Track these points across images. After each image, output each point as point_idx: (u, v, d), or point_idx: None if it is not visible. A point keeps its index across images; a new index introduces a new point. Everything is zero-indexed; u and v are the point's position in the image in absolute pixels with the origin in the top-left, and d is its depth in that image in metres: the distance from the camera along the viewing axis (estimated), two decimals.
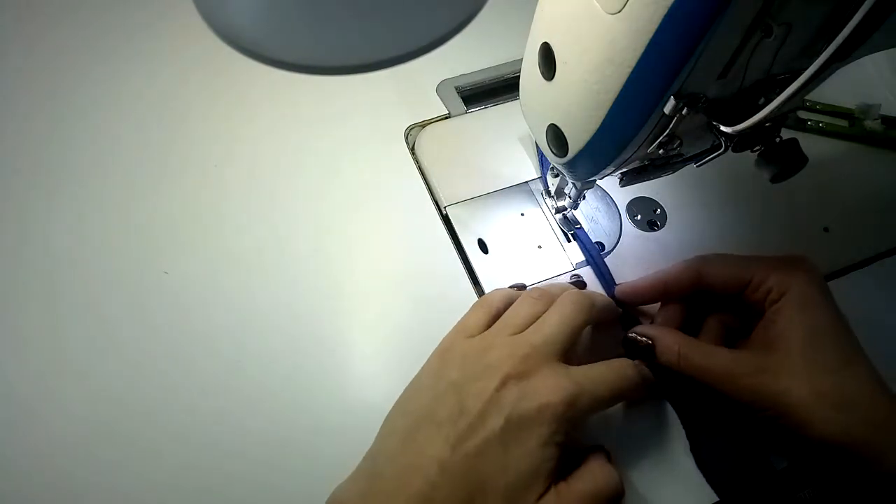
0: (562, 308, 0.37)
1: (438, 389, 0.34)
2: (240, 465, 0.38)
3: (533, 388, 0.33)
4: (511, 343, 0.35)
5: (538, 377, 0.33)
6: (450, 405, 0.33)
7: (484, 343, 0.36)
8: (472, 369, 0.34)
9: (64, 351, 0.40)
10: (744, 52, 0.28)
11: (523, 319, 0.37)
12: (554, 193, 0.47)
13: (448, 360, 0.36)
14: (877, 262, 0.48)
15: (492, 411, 0.32)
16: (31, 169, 0.47)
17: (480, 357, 0.35)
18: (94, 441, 0.38)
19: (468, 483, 0.31)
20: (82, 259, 0.43)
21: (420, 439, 0.33)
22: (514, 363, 0.34)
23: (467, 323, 0.38)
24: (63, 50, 0.52)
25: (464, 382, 0.34)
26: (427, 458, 0.32)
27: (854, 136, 0.54)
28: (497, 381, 0.33)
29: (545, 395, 0.32)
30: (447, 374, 0.35)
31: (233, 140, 0.49)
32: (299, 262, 0.45)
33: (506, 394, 0.33)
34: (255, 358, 0.41)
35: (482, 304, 0.39)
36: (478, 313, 0.39)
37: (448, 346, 0.37)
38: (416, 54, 0.44)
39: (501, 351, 0.35)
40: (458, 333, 0.38)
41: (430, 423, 0.33)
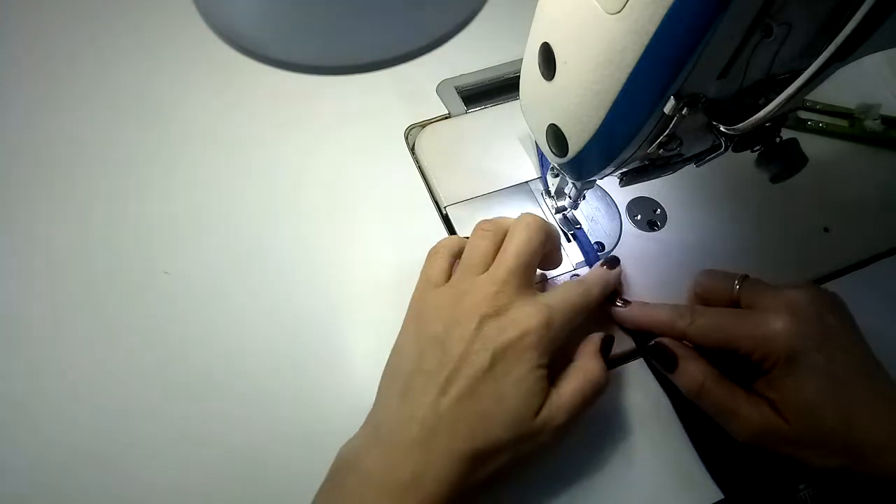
0: (517, 237, 0.38)
1: (421, 345, 0.36)
2: (240, 465, 0.38)
3: (510, 320, 0.35)
4: (479, 285, 0.36)
5: (513, 309, 0.35)
6: (435, 355, 0.35)
7: (453, 291, 0.37)
8: (449, 319, 0.36)
9: (64, 351, 0.40)
10: (744, 52, 0.28)
11: (482, 256, 0.38)
12: (554, 193, 0.47)
13: (423, 316, 0.37)
14: (877, 262, 0.48)
15: (476, 350, 0.34)
16: (31, 168, 0.47)
17: (454, 306, 0.36)
18: (93, 441, 0.38)
19: (467, 420, 0.33)
20: (82, 259, 0.43)
21: (415, 392, 0.34)
22: (488, 303, 0.35)
23: (429, 273, 0.39)
24: (62, 49, 0.52)
25: (444, 332, 0.35)
26: (421, 406, 0.33)
27: (854, 136, 0.54)
28: (475, 323, 0.35)
29: (523, 324, 0.35)
30: (426, 329, 0.36)
31: (233, 140, 0.49)
32: (299, 261, 0.45)
33: (486, 331, 0.34)
34: (256, 358, 0.41)
35: (438, 251, 0.40)
36: (437, 261, 0.40)
37: (419, 302, 0.38)
38: (416, 54, 0.44)
39: (473, 296, 0.36)
40: (424, 287, 0.39)
41: (420, 375, 0.35)
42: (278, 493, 0.37)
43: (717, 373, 0.37)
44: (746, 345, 0.36)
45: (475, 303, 0.35)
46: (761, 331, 0.36)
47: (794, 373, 0.35)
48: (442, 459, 0.32)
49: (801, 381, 0.35)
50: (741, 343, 0.36)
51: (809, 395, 0.35)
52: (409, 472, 0.32)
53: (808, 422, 0.34)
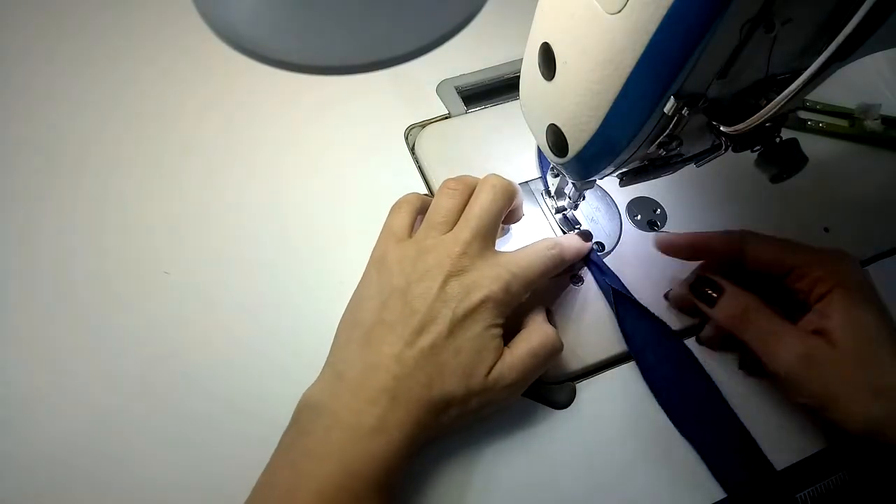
0: (482, 198, 0.39)
1: (384, 296, 0.37)
2: (239, 466, 0.38)
3: (473, 281, 0.36)
4: (443, 243, 0.37)
5: (475, 270, 0.37)
6: (398, 308, 0.36)
7: (418, 247, 0.38)
8: (413, 274, 0.37)
9: (64, 350, 0.40)
10: (744, 52, 0.28)
11: (447, 215, 0.39)
12: (554, 193, 0.47)
13: (386, 268, 0.38)
14: (877, 262, 0.48)
15: (439, 308, 0.36)
16: (31, 169, 0.47)
17: (418, 262, 0.37)
18: (93, 441, 0.38)
19: (426, 371, 0.35)
20: (82, 259, 0.43)
21: (376, 341, 0.36)
22: (452, 262, 0.36)
23: (393, 226, 0.40)
24: (62, 49, 0.52)
25: (407, 286, 0.36)
26: (386, 356, 0.35)
27: (854, 136, 0.54)
28: (439, 281, 0.36)
29: (486, 287, 0.36)
30: (389, 281, 0.37)
31: (233, 140, 0.49)
32: (299, 261, 0.45)
33: (449, 291, 0.36)
34: (256, 357, 0.41)
35: (401, 206, 0.41)
36: (401, 215, 0.40)
37: (382, 254, 0.39)
38: (416, 54, 0.44)
39: (438, 253, 0.37)
40: (387, 239, 0.40)
41: (383, 325, 0.36)
42: None
43: (759, 300, 0.38)
44: (804, 261, 0.38)
45: (439, 261, 0.37)
46: (819, 253, 0.38)
47: (851, 296, 0.36)
48: (404, 406, 0.34)
49: (859, 304, 0.36)
50: (800, 260, 0.38)
51: (868, 320, 0.36)
52: (374, 417, 0.33)
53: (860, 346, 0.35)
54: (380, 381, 0.34)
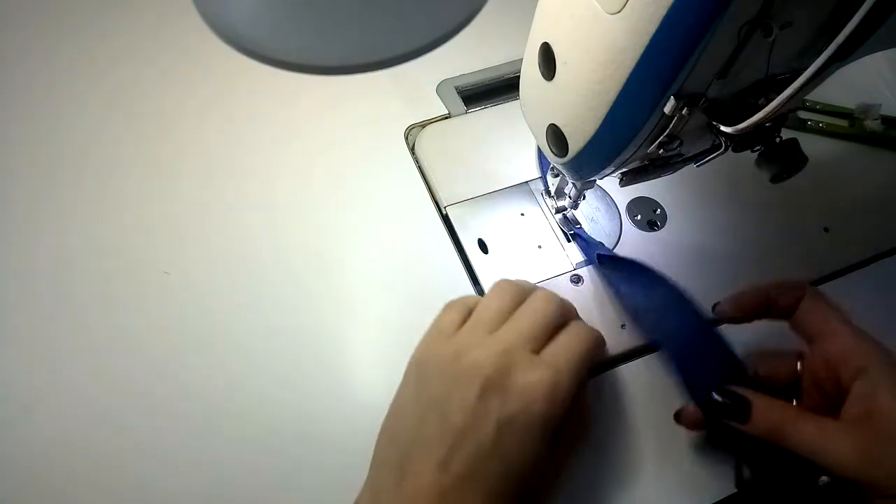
0: (534, 304, 0.36)
1: (420, 408, 0.34)
2: (239, 466, 0.38)
3: (515, 387, 0.32)
4: (486, 343, 0.34)
5: (517, 375, 0.33)
6: (435, 423, 0.32)
7: (458, 346, 0.35)
8: (450, 379, 0.33)
9: (63, 351, 0.40)
10: (744, 52, 0.28)
11: (494, 314, 0.36)
12: (554, 193, 0.47)
13: (425, 372, 0.35)
14: (877, 262, 0.48)
15: (479, 421, 0.32)
16: (31, 169, 0.47)
17: (456, 362, 0.34)
18: (93, 441, 0.38)
19: (474, 489, 0.31)
20: (82, 259, 0.43)
21: (414, 468, 0.32)
22: (492, 363, 0.33)
23: (440, 323, 0.37)
24: (61, 49, 0.52)
25: (444, 396, 0.33)
26: (426, 488, 0.31)
27: (854, 136, 0.54)
28: (477, 388, 0.32)
29: (530, 392, 0.32)
30: (427, 389, 0.34)
31: (233, 140, 0.49)
32: (299, 261, 0.45)
33: (489, 401, 0.32)
34: (256, 357, 0.41)
35: (454, 304, 0.38)
36: (450, 313, 0.38)
37: (423, 354, 0.36)
38: (416, 54, 0.44)
39: (478, 353, 0.34)
40: (431, 337, 0.37)
41: (420, 447, 0.32)
42: (278, 492, 0.37)
43: (795, 408, 0.35)
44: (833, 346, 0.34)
45: (478, 362, 0.33)
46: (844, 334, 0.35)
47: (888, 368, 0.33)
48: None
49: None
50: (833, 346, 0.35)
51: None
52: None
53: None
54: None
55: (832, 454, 0.32)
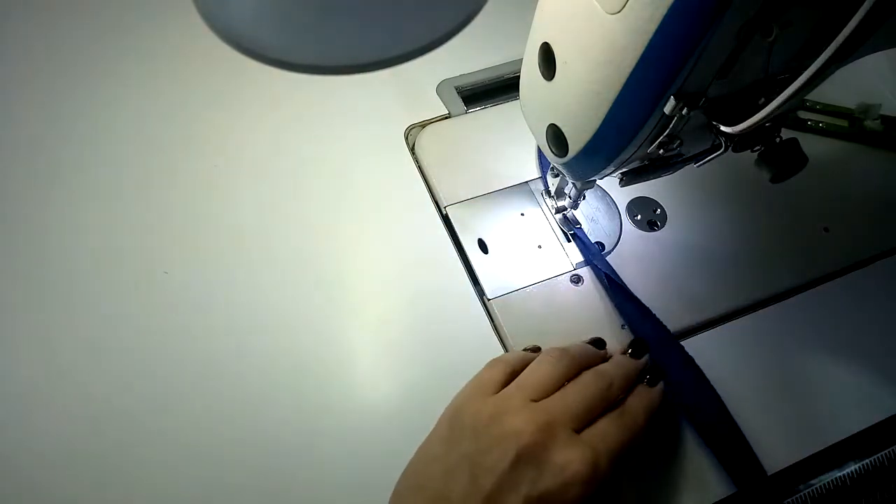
0: (587, 378, 0.35)
1: (450, 462, 0.32)
2: (238, 465, 0.38)
3: (551, 465, 0.31)
4: (529, 410, 0.33)
5: (556, 452, 0.31)
6: (463, 482, 0.31)
7: (498, 407, 0.33)
8: (486, 439, 0.32)
9: (63, 351, 0.40)
10: (744, 52, 0.28)
11: (541, 381, 0.35)
12: (554, 193, 0.47)
13: (460, 427, 0.34)
14: (877, 262, 0.48)
15: (508, 489, 0.31)
16: (30, 169, 0.47)
17: (494, 423, 0.33)
18: (92, 441, 0.38)
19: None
20: (82, 259, 0.43)
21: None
22: (532, 432, 0.32)
23: (482, 379, 0.36)
24: (62, 49, 0.52)
25: (477, 455, 0.32)
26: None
27: (854, 136, 0.54)
28: (512, 455, 0.31)
29: (566, 472, 0.31)
30: (459, 444, 0.33)
31: (232, 140, 0.49)
32: (299, 261, 0.45)
33: (522, 472, 0.31)
34: (256, 357, 0.41)
35: (499, 361, 0.37)
36: (494, 370, 0.36)
37: (459, 406, 0.35)
38: (416, 54, 0.44)
39: (517, 418, 0.32)
40: (470, 391, 0.36)
41: (445, 502, 0.31)
42: (277, 493, 0.37)
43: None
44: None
45: (516, 428, 0.32)
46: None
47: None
48: None
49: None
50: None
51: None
52: None
53: None
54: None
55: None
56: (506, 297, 0.44)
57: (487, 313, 0.43)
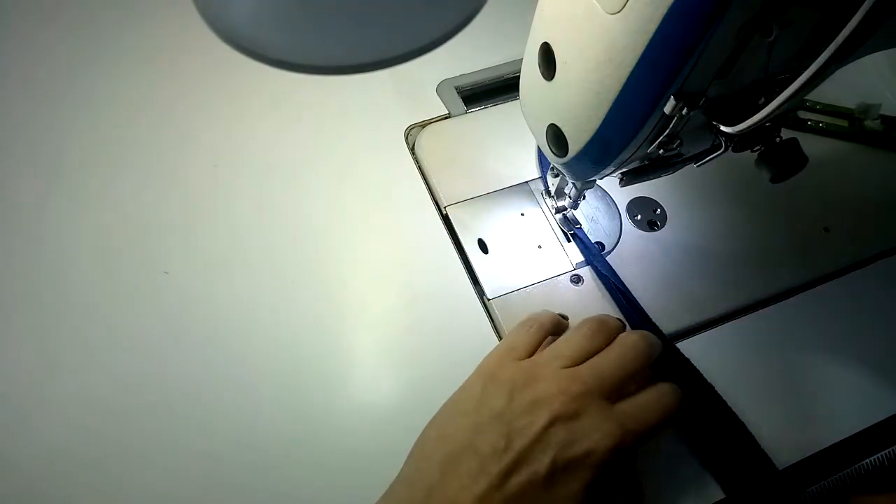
0: (622, 349, 0.36)
1: (481, 417, 0.33)
2: (238, 466, 0.38)
3: (582, 431, 0.32)
4: (563, 377, 0.34)
5: (587, 419, 0.32)
6: (493, 438, 0.32)
7: (533, 372, 0.34)
8: (520, 401, 0.33)
9: (63, 350, 0.40)
10: (744, 52, 0.28)
11: (577, 352, 0.35)
12: (554, 193, 0.47)
13: (491, 385, 0.34)
14: (877, 262, 0.48)
15: (538, 451, 0.31)
16: (30, 168, 0.47)
17: (528, 388, 0.33)
18: (91, 441, 0.38)
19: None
20: (82, 259, 0.43)
21: (461, 472, 0.31)
22: (565, 401, 0.32)
23: (514, 342, 0.36)
24: (62, 49, 0.52)
25: (509, 415, 0.32)
26: (469, 493, 0.31)
27: (854, 136, 0.54)
28: (545, 419, 0.32)
29: (593, 441, 0.32)
30: (491, 401, 0.33)
31: (232, 140, 0.49)
32: (299, 261, 0.45)
33: (554, 434, 0.32)
34: (256, 357, 0.41)
35: (532, 322, 0.37)
36: (527, 333, 0.37)
37: (494, 368, 0.35)
38: (416, 54, 0.44)
39: (551, 385, 0.33)
40: (504, 353, 0.36)
41: (472, 454, 0.32)
42: (277, 494, 0.37)
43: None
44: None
45: (551, 393, 0.33)
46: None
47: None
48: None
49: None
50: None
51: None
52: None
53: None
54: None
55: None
56: (506, 297, 0.44)
57: (487, 313, 0.43)
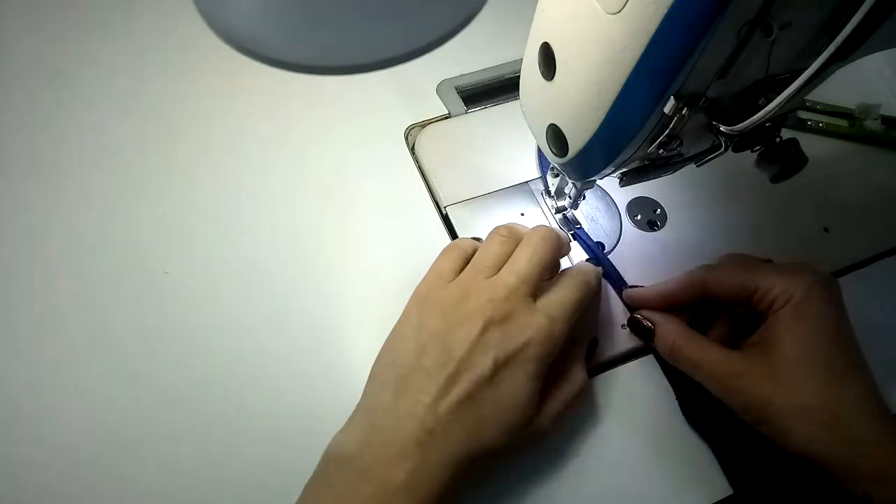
0: (532, 245, 0.38)
1: (422, 339, 0.35)
2: (238, 466, 0.38)
3: (515, 328, 0.35)
4: (488, 287, 0.36)
5: (517, 317, 0.35)
6: (436, 353, 0.35)
7: (461, 289, 0.37)
8: (454, 317, 0.35)
9: (63, 350, 0.40)
10: (744, 52, 0.28)
11: (494, 259, 0.38)
12: (554, 193, 0.47)
13: (427, 309, 0.37)
14: (877, 262, 0.48)
15: (478, 355, 0.34)
16: (30, 168, 0.47)
17: (459, 304, 0.36)
18: (91, 441, 0.38)
19: (462, 425, 0.33)
20: (82, 259, 0.43)
21: (412, 389, 0.34)
22: (495, 306, 0.35)
23: (440, 268, 0.39)
24: (62, 49, 0.52)
25: (446, 330, 0.35)
26: (421, 405, 0.33)
27: (854, 136, 0.54)
28: (480, 326, 0.35)
29: (526, 335, 0.35)
30: (428, 323, 0.36)
31: (233, 140, 0.49)
32: (299, 261, 0.45)
33: (490, 337, 0.35)
34: (256, 357, 0.41)
35: (453, 248, 0.40)
36: (449, 257, 0.39)
37: (424, 294, 0.38)
38: (416, 54, 0.44)
39: (479, 297, 0.36)
40: (432, 280, 0.39)
41: (419, 371, 0.34)
42: (276, 494, 0.37)
43: (688, 331, 0.39)
44: (764, 282, 0.37)
45: (480, 305, 0.35)
46: (780, 270, 0.37)
47: (800, 312, 0.35)
48: (437, 462, 0.32)
49: (806, 320, 0.35)
50: (760, 280, 0.37)
51: (810, 338, 0.35)
52: (405, 473, 0.31)
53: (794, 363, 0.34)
54: (412, 433, 0.32)
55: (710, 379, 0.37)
56: None
57: None
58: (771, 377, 0.35)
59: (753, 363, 0.36)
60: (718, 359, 0.36)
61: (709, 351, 0.37)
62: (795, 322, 0.35)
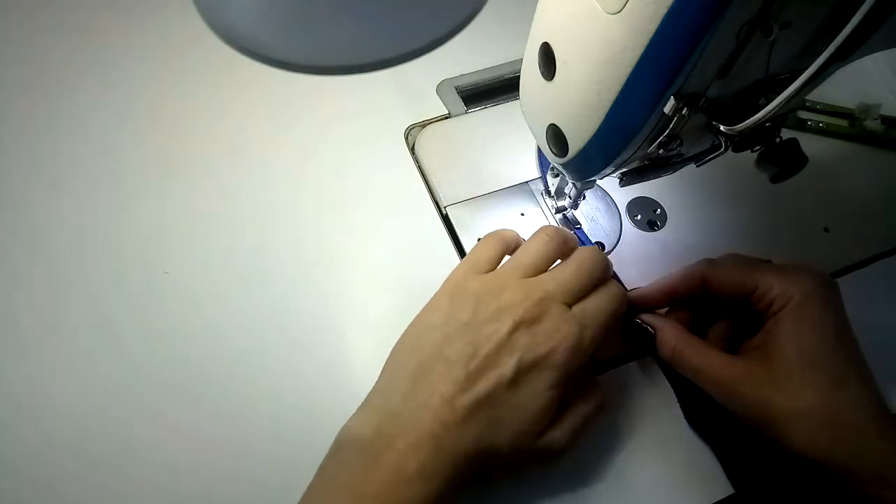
0: (580, 259, 0.37)
1: (449, 329, 0.35)
2: (238, 465, 0.38)
3: (544, 333, 0.34)
4: (525, 286, 0.35)
5: (548, 321, 0.34)
6: (461, 346, 0.34)
7: (496, 283, 0.36)
8: (485, 311, 0.35)
9: (63, 350, 0.40)
10: (744, 52, 0.28)
11: (535, 258, 0.37)
12: (554, 193, 0.47)
13: (459, 299, 0.36)
14: (877, 262, 0.48)
15: (504, 355, 0.33)
16: (31, 169, 0.47)
17: (492, 298, 0.35)
18: (91, 441, 0.38)
19: (478, 423, 0.33)
20: (82, 259, 0.43)
21: (432, 378, 0.33)
22: (528, 307, 0.34)
23: (479, 256, 0.38)
24: (62, 49, 0.52)
25: (476, 324, 0.34)
26: (439, 397, 0.33)
27: (854, 136, 0.54)
28: (509, 325, 0.34)
29: (554, 341, 0.34)
30: (458, 314, 0.35)
31: (233, 140, 0.49)
32: (299, 261, 0.45)
33: (518, 338, 0.34)
34: (256, 357, 0.41)
35: (494, 237, 0.39)
36: (489, 246, 0.38)
37: (458, 283, 0.37)
38: (416, 54, 0.44)
39: (515, 294, 0.35)
40: (467, 269, 0.38)
41: (442, 362, 0.34)
42: (276, 493, 0.37)
43: (689, 336, 0.38)
44: (764, 281, 0.36)
45: (514, 303, 0.35)
46: (781, 270, 0.37)
47: (801, 314, 0.35)
48: (450, 457, 0.32)
49: (806, 322, 0.35)
50: (760, 279, 0.37)
51: (810, 341, 0.35)
52: (417, 463, 0.31)
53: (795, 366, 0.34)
54: (427, 424, 0.32)
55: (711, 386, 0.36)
56: None
57: None
58: (771, 382, 0.34)
59: (753, 368, 0.35)
60: (719, 364, 0.36)
61: (709, 356, 0.37)
62: (794, 325, 0.35)
